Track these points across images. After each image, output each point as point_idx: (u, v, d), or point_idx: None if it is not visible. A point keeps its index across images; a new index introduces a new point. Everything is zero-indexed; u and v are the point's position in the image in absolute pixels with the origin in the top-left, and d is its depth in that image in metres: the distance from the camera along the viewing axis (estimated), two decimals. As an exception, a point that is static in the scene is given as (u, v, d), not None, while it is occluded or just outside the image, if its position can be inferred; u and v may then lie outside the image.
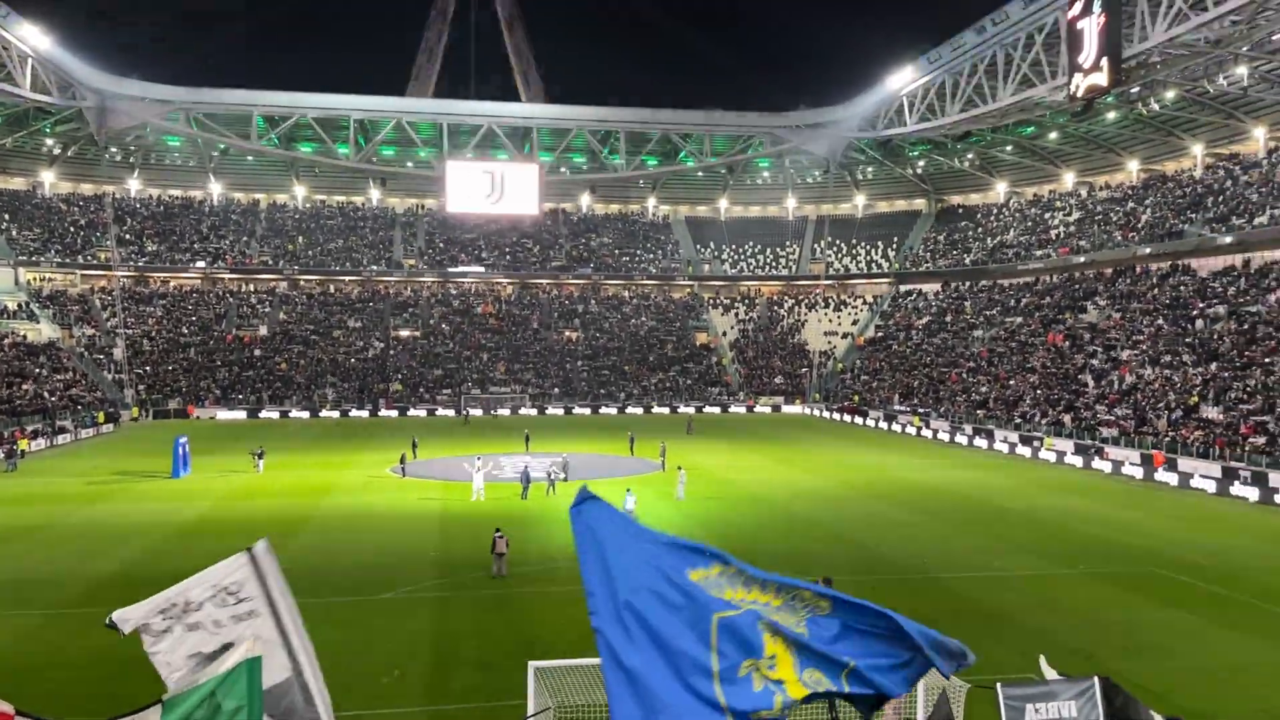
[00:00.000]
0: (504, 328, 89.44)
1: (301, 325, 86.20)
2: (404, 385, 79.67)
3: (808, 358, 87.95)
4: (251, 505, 35.52)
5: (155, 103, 79.81)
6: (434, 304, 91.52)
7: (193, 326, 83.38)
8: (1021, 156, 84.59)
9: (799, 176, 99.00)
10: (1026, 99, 61.88)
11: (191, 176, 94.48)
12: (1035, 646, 19.20)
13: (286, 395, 76.78)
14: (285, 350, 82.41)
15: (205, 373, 77.82)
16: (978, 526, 31.94)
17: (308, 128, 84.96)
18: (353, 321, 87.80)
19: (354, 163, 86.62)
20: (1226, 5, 43.79)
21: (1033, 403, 58.88)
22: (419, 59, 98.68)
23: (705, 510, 34.53)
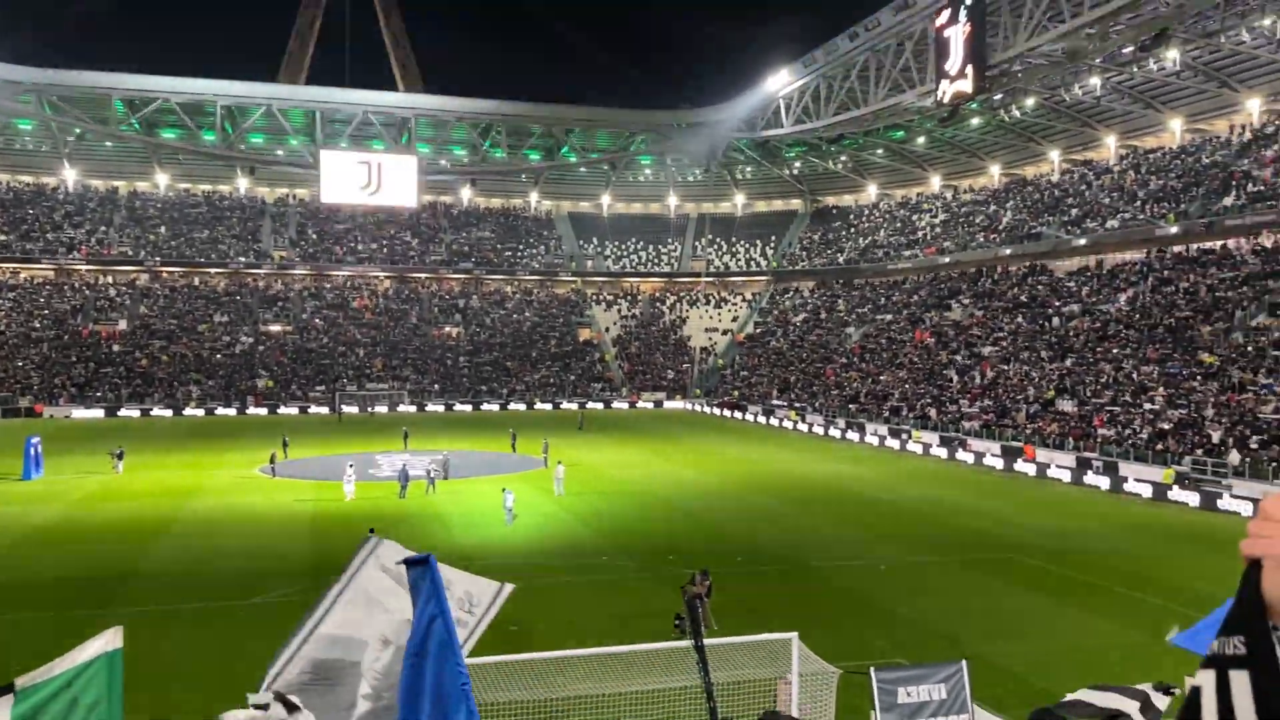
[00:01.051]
0: (381, 323, 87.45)
1: (164, 319, 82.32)
2: (274, 382, 77.04)
3: (689, 354, 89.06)
4: (111, 508, 33.78)
5: (4, 83, 74.69)
6: (306, 298, 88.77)
7: (45, 320, 78.64)
8: (891, 160, 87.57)
9: (680, 175, 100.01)
10: (896, 104, 64.04)
11: (44, 162, 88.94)
12: (905, 633, 19.97)
13: (148, 393, 73.23)
14: (146, 346, 78.58)
15: (59, 369, 73.51)
16: (850, 517, 32.94)
17: (171, 113, 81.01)
18: (219, 316, 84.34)
19: (221, 150, 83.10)
20: (1081, 18, 46.28)
21: (901, 397, 61.08)
22: (291, 44, 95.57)
23: (586, 505, 34.58)
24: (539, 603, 22.03)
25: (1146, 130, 66.37)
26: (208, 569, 25.15)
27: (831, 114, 69.84)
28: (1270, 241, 50.46)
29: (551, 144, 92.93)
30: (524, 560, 26.29)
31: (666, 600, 21.11)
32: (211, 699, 5.29)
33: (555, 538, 29.23)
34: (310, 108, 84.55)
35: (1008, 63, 53.59)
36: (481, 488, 37.82)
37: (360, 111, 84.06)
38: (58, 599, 22.26)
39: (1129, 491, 38.14)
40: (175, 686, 16.90)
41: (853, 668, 16.53)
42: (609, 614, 21.17)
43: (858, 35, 64.00)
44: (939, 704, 9.08)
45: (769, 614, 20.52)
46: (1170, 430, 41.13)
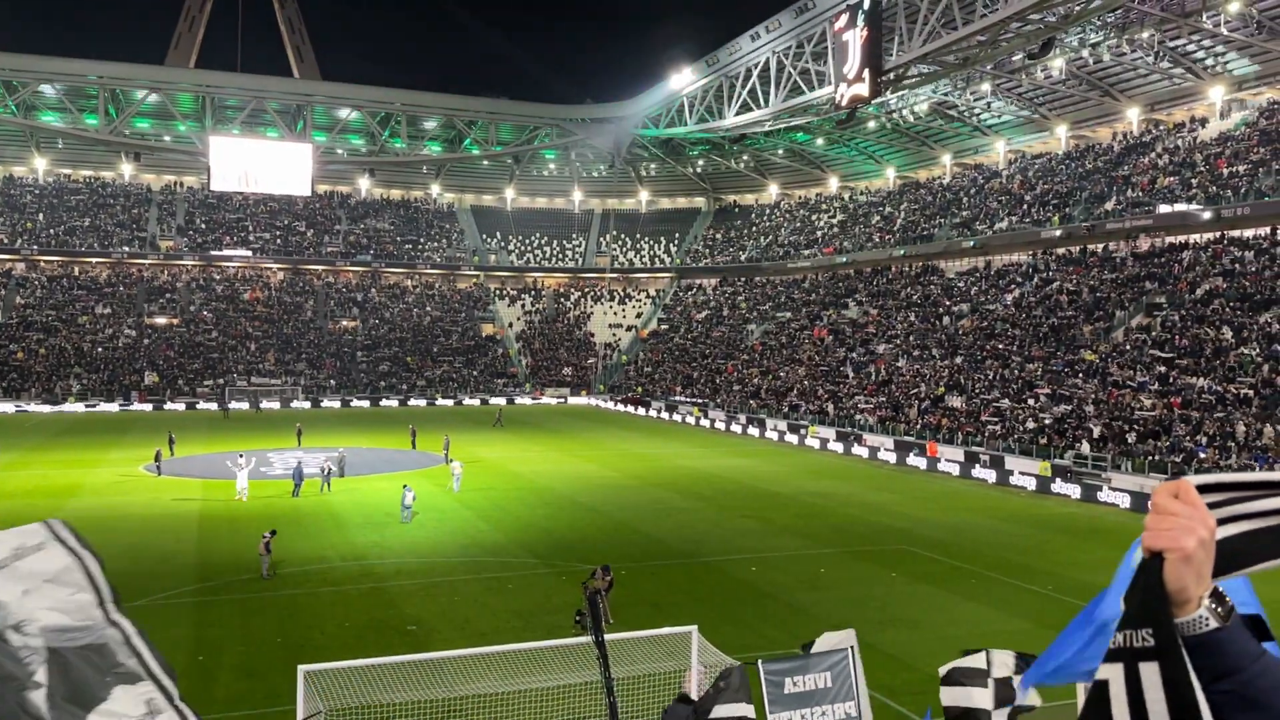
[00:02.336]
0: (274, 315, 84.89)
1: (41, 310, 78.30)
2: (160, 377, 74.08)
3: (593, 349, 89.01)
4: (-21, 510, 31.95)
5: None
6: (195, 289, 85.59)
7: (-93, 310, 73.99)
8: (792, 160, 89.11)
9: (585, 170, 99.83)
10: (796, 105, 65.12)
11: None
12: (800, 622, 20.33)
13: (23, 387, 69.57)
14: (22, 338, 74.63)
15: (-77, 362, 69.26)
16: (749, 511, 33.40)
17: (52, 95, 77.10)
18: (101, 307, 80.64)
19: (104, 135, 79.43)
20: (973, 25, 47.83)
21: (800, 393, 62.25)
22: (179, 26, 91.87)
23: (487, 501, 34.24)
24: (439, 602, 21.73)
25: (1034, 136, 69.05)
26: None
27: (733, 114, 70.62)
28: (1148, 245, 53.06)
29: (454, 135, 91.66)
30: (423, 559, 25.88)
31: (567, 596, 21.06)
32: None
33: (456, 535, 28.86)
34: (199, 92, 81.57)
35: (902, 67, 55.02)
36: (380, 485, 37.10)
37: (253, 97, 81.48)
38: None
39: (1014, 485, 39.65)
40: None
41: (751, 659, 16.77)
42: (510, 610, 20.99)
43: (759, 36, 64.86)
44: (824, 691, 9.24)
45: (670, 608, 20.66)
46: (1052, 425, 42.89)
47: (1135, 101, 60.16)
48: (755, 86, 67.27)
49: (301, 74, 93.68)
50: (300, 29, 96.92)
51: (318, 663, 12.79)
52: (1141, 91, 59.41)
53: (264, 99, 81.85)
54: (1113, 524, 32.06)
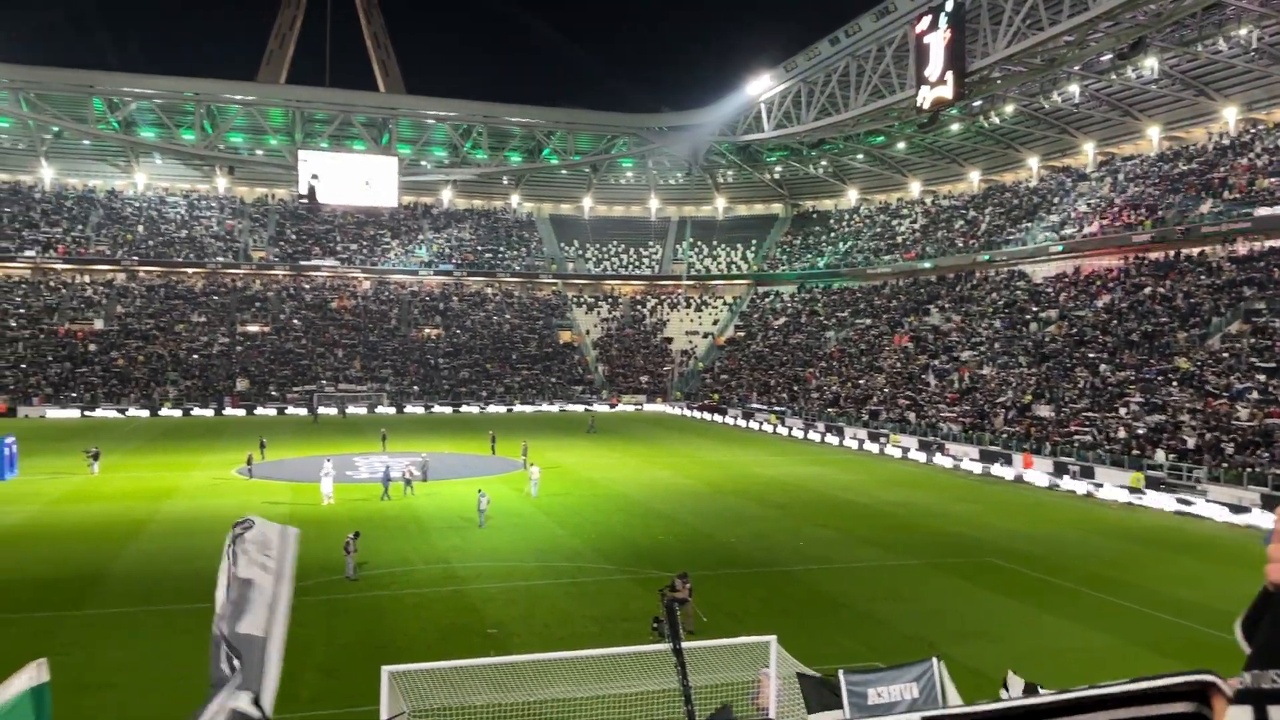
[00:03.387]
0: (360, 323, 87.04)
1: (141, 319, 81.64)
2: (252, 383, 76.54)
3: (670, 356, 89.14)
4: (84, 509, 33.46)
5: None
6: (285, 298, 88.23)
7: (21, 319, 77.78)
8: (872, 165, 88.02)
9: (662, 178, 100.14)
10: (876, 109, 64.38)
11: (21, 160, 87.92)
12: (878, 634, 20.07)
13: (124, 393, 72.59)
14: (123, 345, 77.90)
15: (35, 368, 72.75)
16: (827, 520, 33.06)
17: (150, 111, 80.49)
18: (196, 316, 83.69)
19: (200, 150, 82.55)
20: (1060, 26, 46.72)
21: (880, 401, 61.38)
22: (271, 44, 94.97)
23: (564, 507, 34.53)
24: (518, 606, 22.01)
25: (1125, 137, 67.02)
26: (180, 571, 24.93)
27: (812, 119, 70.15)
28: (1245, 249, 51.05)
29: (533, 146, 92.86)
30: (503, 563, 26.24)
31: (644, 603, 21.14)
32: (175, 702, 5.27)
33: (534, 541, 29.19)
34: (290, 107, 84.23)
35: (987, 69, 54.00)
36: (461, 490, 37.71)
37: (341, 112, 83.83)
38: (30, 600, 22.04)
39: (1105, 496, 38.47)
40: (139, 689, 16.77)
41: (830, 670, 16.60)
42: (587, 616, 21.16)
43: (839, 40, 64.34)
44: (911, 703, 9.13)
45: (747, 617, 20.58)
46: (1145, 435, 41.52)
47: (1232, 101, 57.94)
48: (835, 91, 66.76)
49: (387, 88, 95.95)
50: (386, 44, 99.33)
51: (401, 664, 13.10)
52: (1239, 90, 57.19)
53: (351, 113, 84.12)
54: (1208, 538, 30.91)
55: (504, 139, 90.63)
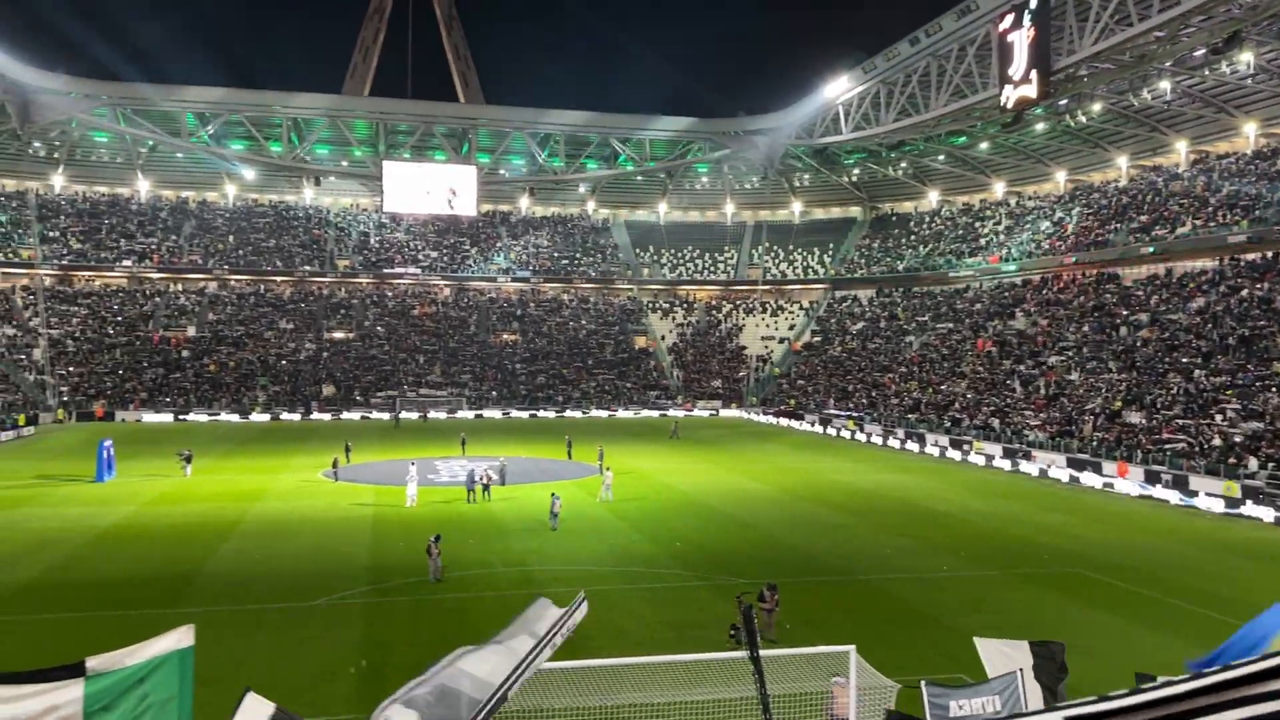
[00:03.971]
0: (441, 330, 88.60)
1: (232, 326, 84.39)
2: (337, 388, 78.44)
3: (745, 361, 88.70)
4: (178, 510, 34.65)
5: (82, 97, 77.38)
6: (369, 305, 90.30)
7: (118, 327, 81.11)
8: (953, 166, 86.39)
9: (737, 182, 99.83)
10: (958, 109, 63.20)
11: (118, 173, 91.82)
12: (962, 647, 19.61)
13: (216, 397, 75.09)
14: (215, 351, 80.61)
15: (131, 374, 75.75)
16: (908, 529, 32.47)
17: (239, 125, 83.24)
18: (284, 322, 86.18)
19: (287, 161, 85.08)
20: (1150, 21, 45.25)
21: (963, 407, 60.12)
22: (355, 57, 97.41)
23: (640, 512, 34.56)
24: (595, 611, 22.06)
25: (1219, 135, 64.58)
26: (270, 571, 25.63)
27: (891, 120, 69.19)
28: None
29: (609, 153, 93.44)
30: (580, 568, 26.37)
31: (721, 610, 21.03)
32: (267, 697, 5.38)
33: (610, 545, 29.29)
34: (374, 119, 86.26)
35: (1073, 67, 52.58)
36: (538, 493, 38.04)
37: (422, 123, 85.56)
38: (126, 598, 22.89)
39: (1199, 506, 37.05)
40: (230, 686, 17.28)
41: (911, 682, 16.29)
42: (663, 622, 21.13)
43: (919, 41, 63.35)
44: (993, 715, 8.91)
45: (825, 626, 20.34)
46: (1243, 443, 39.88)
47: (1338, 93, 55.44)
48: (915, 92, 65.75)
49: (467, 99, 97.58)
50: (465, 55, 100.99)
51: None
52: (1345, 82, 54.69)
53: (432, 123, 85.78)
54: (1314, 552, 29.49)
55: (580, 146, 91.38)
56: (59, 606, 22.24)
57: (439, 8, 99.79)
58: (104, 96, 78.27)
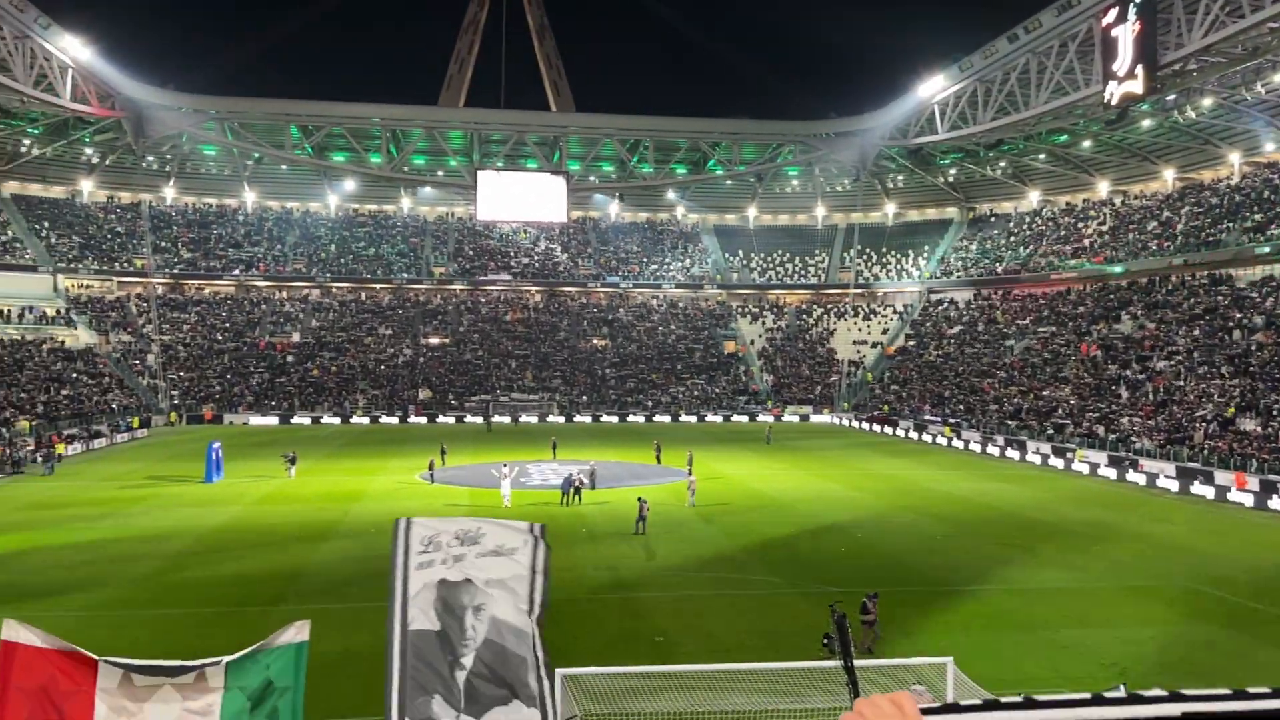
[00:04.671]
0: (532, 335, 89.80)
1: (333, 332, 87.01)
2: (433, 392, 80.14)
3: (836, 366, 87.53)
4: (282, 510, 35.83)
5: (192, 112, 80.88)
6: (463, 311, 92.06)
7: (226, 333, 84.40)
8: (1054, 164, 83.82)
9: (828, 184, 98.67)
10: (1059, 107, 61.34)
11: (226, 185, 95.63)
12: (1066, 660, 18.98)
13: (318, 401, 77.49)
14: (317, 356, 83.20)
15: (238, 379, 78.73)
16: (1009, 539, 31.56)
17: (340, 137, 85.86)
18: (383, 328, 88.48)
19: (385, 171, 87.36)
20: (1265, 12, 43.19)
21: (1066, 413, 58.21)
22: (450, 69, 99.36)
23: (730, 517, 34.37)
24: (685, 616, 22.06)
25: (1343, 127, 61.26)
26: (368, 571, 26.28)
27: (989, 119, 67.53)
28: None
29: (698, 157, 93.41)
30: (669, 572, 26.37)
31: (813, 618, 20.78)
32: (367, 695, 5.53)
33: (700, 550, 29.21)
34: (468, 129, 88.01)
35: (1181, 62, 50.53)
36: (628, 497, 38.17)
37: (515, 132, 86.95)
38: (234, 595, 23.76)
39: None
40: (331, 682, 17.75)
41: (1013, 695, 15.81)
42: (754, 629, 20.97)
43: (1018, 37, 61.73)
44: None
45: (922, 637, 19.91)
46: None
47: None
48: (1014, 89, 64.04)
49: (558, 107, 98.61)
50: (557, 64, 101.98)
51: (573, 667, 13.36)
52: None
53: (525, 132, 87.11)
54: None
55: (670, 152, 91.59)
56: (170, 602, 23.21)
57: (531, 18, 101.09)
58: (212, 111, 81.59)
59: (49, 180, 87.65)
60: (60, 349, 71.94)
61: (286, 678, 5.15)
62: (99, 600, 23.16)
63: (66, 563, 27.11)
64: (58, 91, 65.77)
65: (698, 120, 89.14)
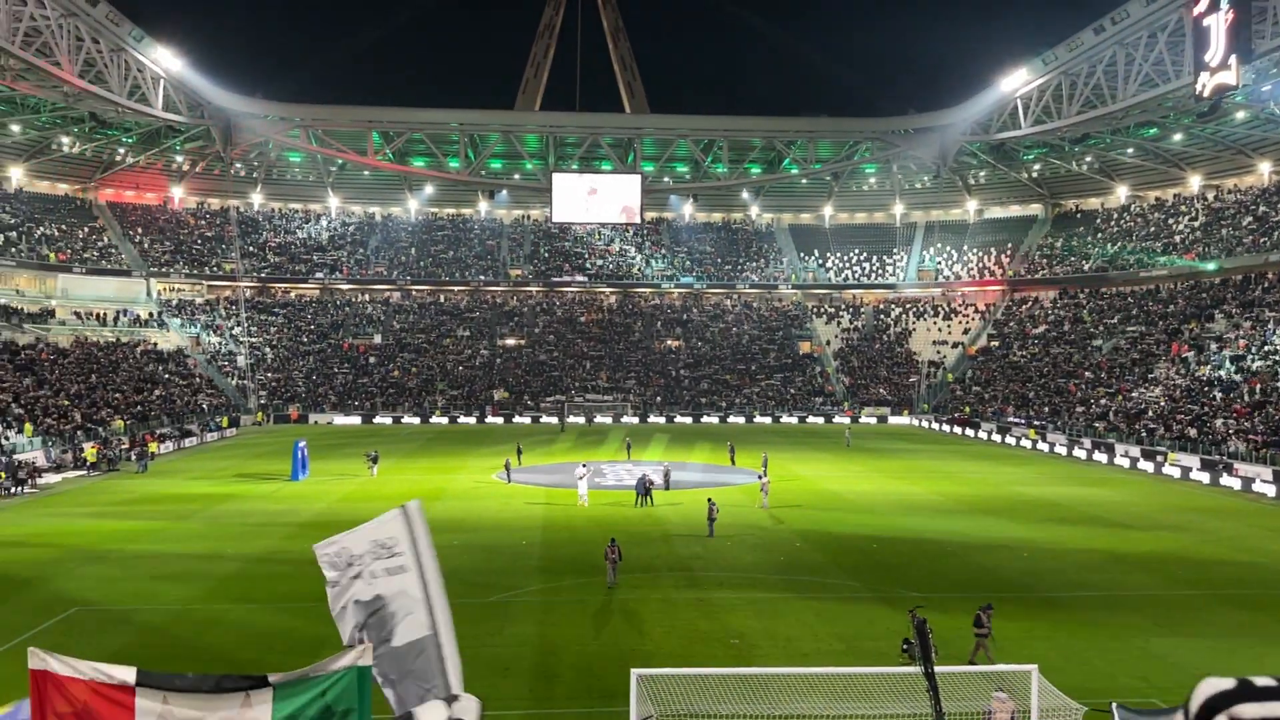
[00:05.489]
0: (606, 336, 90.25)
1: (413, 333, 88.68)
2: (509, 392, 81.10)
3: (915, 367, 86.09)
4: (366, 507, 36.55)
5: (277, 120, 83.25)
6: (539, 313, 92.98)
7: (312, 335, 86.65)
8: (1143, 159, 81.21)
9: (907, 182, 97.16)
10: (1148, 99, 59.43)
11: (310, 190, 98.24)
12: (1155, 670, 18.37)
13: (399, 401, 79.05)
14: (398, 357, 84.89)
15: (323, 379, 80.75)
16: (1097, 544, 30.66)
17: (420, 142, 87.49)
18: (461, 330, 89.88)
19: (463, 176, 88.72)
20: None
21: (1156, 416, 56.35)
22: (526, 73, 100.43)
23: (806, 519, 34.04)
24: (761, 618, 21.93)
25: None
26: (448, 568, 26.68)
27: (1075, 113, 65.77)
28: None
29: (773, 156, 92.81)
30: (744, 574, 26.24)
31: (891, 623, 20.47)
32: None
33: (775, 552, 29.01)
34: (544, 132, 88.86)
35: (1276, 51, 48.50)
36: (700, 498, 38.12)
37: (589, 134, 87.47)
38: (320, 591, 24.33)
39: None
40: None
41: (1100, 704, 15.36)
42: (832, 633, 20.75)
43: (1104, 29, 60.00)
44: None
45: (1005, 643, 19.47)
46: None
47: None
48: (1100, 82, 62.24)
49: (632, 109, 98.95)
50: (632, 66, 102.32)
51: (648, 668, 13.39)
52: None
53: (599, 134, 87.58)
54: None
55: (744, 151, 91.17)
56: (260, 596, 23.91)
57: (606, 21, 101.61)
58: (297, 118, 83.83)
59: (142, 188, 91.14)
60: (153, 351, 74.71)
61: (348, 701, 5.14)
62: (190, 594, 23.98)
63: (158, 557, 28.13)
64: (150, 101, 68.30)
65: (773, 119, 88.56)
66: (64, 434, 52.13)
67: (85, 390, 61.28)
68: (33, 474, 42.77)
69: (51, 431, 51.59)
